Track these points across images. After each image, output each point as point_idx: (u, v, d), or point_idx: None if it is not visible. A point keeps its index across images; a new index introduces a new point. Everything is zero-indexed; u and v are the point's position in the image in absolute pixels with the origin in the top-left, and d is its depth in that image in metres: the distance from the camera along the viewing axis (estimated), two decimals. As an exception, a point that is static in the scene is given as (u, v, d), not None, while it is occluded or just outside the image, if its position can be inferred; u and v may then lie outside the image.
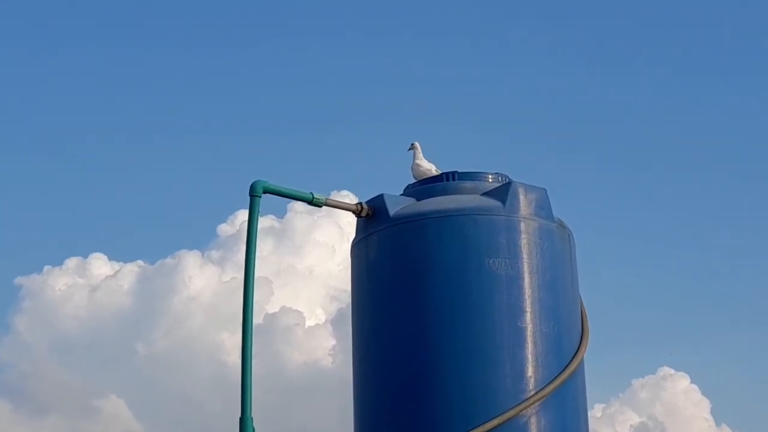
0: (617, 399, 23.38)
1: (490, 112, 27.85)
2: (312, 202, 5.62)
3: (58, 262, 26.45)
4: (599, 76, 28.60)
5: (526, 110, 28.18)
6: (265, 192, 5.48)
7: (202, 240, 29.77)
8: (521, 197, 5.49)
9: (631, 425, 22.06)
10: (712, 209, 27.97)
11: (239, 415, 5.28)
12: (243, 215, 23.47)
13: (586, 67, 28.52)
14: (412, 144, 6.24)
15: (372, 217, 5.63)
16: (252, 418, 5.25)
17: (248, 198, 5.47)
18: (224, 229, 24.95)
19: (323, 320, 22.98)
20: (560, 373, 5.28)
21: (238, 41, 29.72)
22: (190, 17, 29.92)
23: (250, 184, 5.50)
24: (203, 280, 23.63)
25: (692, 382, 23.68)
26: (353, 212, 5.68)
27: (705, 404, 23.26)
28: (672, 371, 23.94)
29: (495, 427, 5.10)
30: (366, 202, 5.67)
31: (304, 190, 5.63)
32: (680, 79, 28.59)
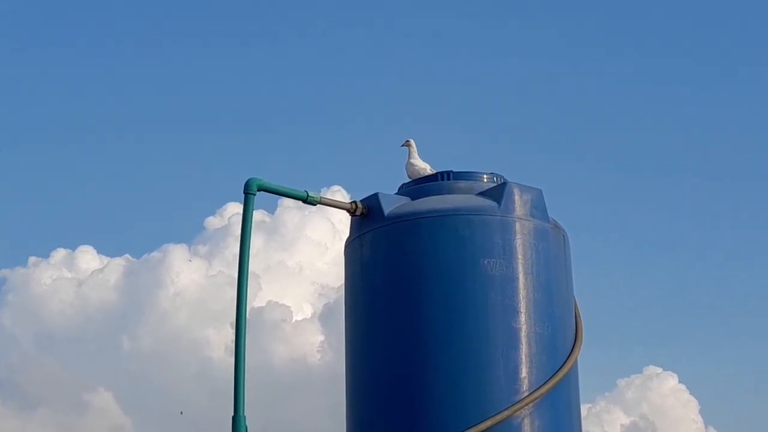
0: (603, 398, 23.35)
1: (485, 112, 27.88)
2: (306, 200, 5.59)
3: (44, 254, 26.33)
4: (595, 77, 28.65)
5: (521, 110, 28.25)
6: (259, 190, 5.46)
7: (189, 233, 29.68)
8: (516, 197, 5.48)
9: (621, 425, 22.03)
10: (701, 211, 28.07)
11: (231, 412, 5.25)
12: (232, 208, 23.53)
13: (581, 68, 28.60)
14: (407, 141, 6.21)
15: (366, 216, 5.61)
16: (245, 417, 5.23)
17: (237, 191, 5.46)
18: (212, 222, 24.90)
19: (310, 315, 22.96)
20: (554, 374, 5.27)
21: (228, 38, 29.68)
22: (181, 16, 29.85)
23: (244, 182, 5.48)
24: (190, 274, 23.59)
25: (680, 381, 23.64)
26: (348, 211, 5.66)
27: (693, 404, 23.19)
28: (659, 370, 23.90)
29: (488, 428, 5.09)
30: (360, 201, 5.65)
31: (295, 186, 5.61)
32: (676, 79, 28.65)
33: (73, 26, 29.64)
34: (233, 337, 5.35)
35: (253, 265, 5.37)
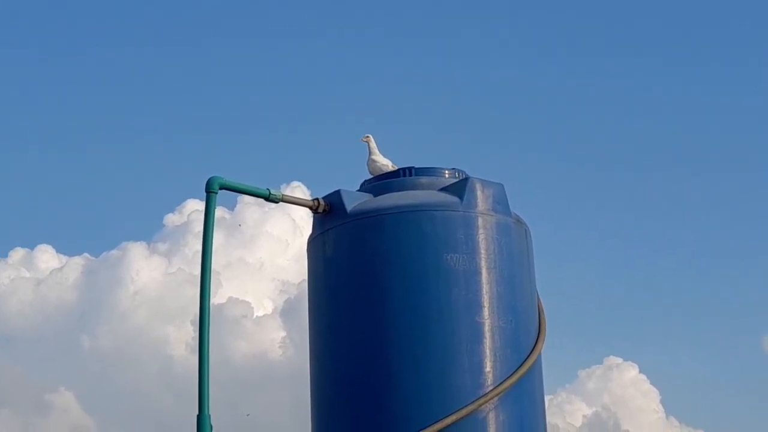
0: (564, 389, 23.44)
1: (446, 108, 27.88)
2: (269, 198, 5.58)
3: (2, 253, 26.09)
4: (555, 71, 28.74)
5: (482, 106, 28.28)
6: (221, 188, 5.44)
7: (148, 231, 29.50)
8: (478, 193, 5.50)
9: (583, 416, 22.14)
10: (661, 203, 28.27)
11: (194, 411, 5.23)
12: (191, 205, 23.46)
13: (542, 62, 28.65)
14: (366, 136, 6.22)
15: (329, 212, 5.61)
16: (210, 416, 5.21)
17: (196, 188, 5.46)
18: (171, 219, 24.79)
19: (271, 311, 22.91)
20: (518, 368, 5.30)
21: (185, 37, 29.54)
22: (139, 16, 29.68)
23: (204, 180, 5.46)
24: (149, 272, 23.47)
25: (641, 371, 23.76)
26: (310, 208, 5.66)
27: (654, 395, 23.32)
28: (620, 360, 24.01)
29: (453, 423, 5.10)
30: (323, 198, 5.65)
31: (254, 183, 5.59)
32: (638, 72, 28.80)
33: (29, 28, 29.40)
34: (195, 335, 5.33)
35: (213, 262, 5.35)
